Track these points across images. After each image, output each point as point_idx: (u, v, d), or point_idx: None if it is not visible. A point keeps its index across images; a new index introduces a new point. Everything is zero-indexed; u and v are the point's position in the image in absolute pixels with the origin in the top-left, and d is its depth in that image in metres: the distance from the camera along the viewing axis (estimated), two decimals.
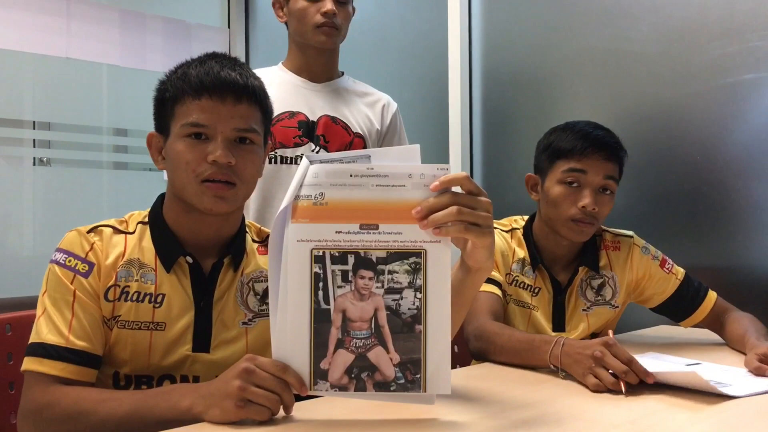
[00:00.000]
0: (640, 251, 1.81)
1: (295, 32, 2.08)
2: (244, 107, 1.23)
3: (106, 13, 3.20)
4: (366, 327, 1.02)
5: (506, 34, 2.58)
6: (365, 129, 2.10)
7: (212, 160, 1.20)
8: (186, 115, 1.22)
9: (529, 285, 1.77)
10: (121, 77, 3.27)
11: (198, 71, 1.23)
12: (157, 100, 1.29)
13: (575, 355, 1.35)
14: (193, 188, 1.22)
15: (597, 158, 1.68)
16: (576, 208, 1.67)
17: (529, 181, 1.80)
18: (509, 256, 1.78)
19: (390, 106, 2.20)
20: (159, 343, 1.24)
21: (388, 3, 2.98)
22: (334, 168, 1.01)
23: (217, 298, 1.29)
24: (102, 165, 3.28)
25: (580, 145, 1.68)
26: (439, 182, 1.01)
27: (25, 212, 3.03)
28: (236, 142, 1.23)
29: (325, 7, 1.98)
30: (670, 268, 1.81)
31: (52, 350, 1.17)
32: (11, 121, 2.99)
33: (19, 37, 2.95)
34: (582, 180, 1.68)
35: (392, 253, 1.01)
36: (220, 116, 1.21)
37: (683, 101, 2.13)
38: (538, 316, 1.76)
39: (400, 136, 2.20)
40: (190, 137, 1.22)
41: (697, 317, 1.79)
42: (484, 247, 1.06)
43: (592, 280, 1.79)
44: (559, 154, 1.70)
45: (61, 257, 1.23)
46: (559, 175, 1.70)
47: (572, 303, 1.78)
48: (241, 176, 1.23)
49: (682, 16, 2.13)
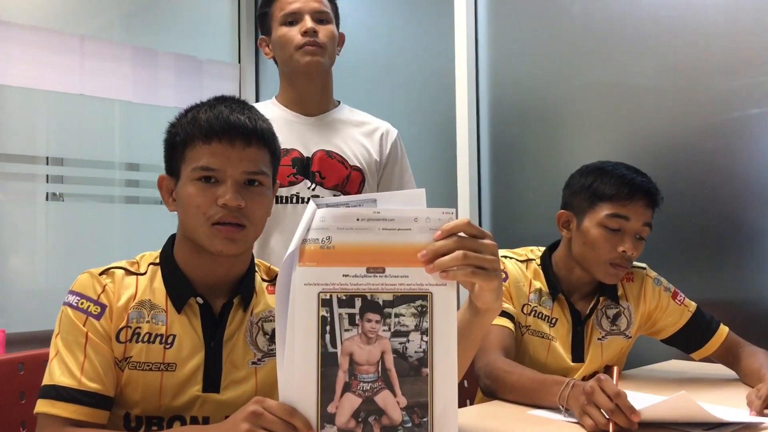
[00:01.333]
0: (653, 283, 1.84)
1: (281, 62, 2.04)
2: (253, 150, 1.24)
3: (119, 50, 3.25)
4: (373, 370, 1.02)
5: (513, 68, 2.60)
6: (363, 161, 2.03)
7: (222, 204, 1.21)
8: (196, 159, 1.23)
9: (547, 315, 1.78)
10: (133, 113, 3.31)
11: (208, 115, 1.24)
12: (168, 143, 1.31)
13: (575, 395, 1.36)
14: (203, 231, 1.23)
15: (640, 205, 1.71)
16: (615, 253, 1.70)
17: (561, 218, 1.81)
18: (525, 286, 1.79)
19: (389, 135, 2.12)
20: (169, 383, 1.25)
21: (395, 36, 3.01)
22: (341, 212, 1.02)
23: (227, 338, 1.29)
24: (114, 199, 3.31)
25: (626, 191, 1.70)
26: (441, 231, 1.02)
27: (37, 246, 3.06)
28: (245, 185, 1.24)
29: (305, 26, 1.95)
30: (682, 300, 1.82)
31: (64, 392, 1.18)
32: (25, 157, 3.03)
33: (34, 75, 3.00)
34: (624, 226, 1.70)
35: (399, 296, 1.01)
36: (229, 160, 1.22)
37: (690, 135, 2.14)
38: (556, 346, 1.76)
39: (402, 165, 2.13)
40: (201, 181, 1.23)
41: (708, 349, 1.79)
42: (492, 290, 1.06)
43: (608, 310, 1.81)
44: (602, 197, 1.72)
45: (73, 299, 1.24)
46: (602, 219, 1.71)
47: (589, 332, 1.79)
48: (251, 218, 1.24)
49: (688, 51, 2.15)
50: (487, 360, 1.61)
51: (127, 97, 3.26)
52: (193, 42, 3.49)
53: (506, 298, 1.75)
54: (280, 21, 1.99)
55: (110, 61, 3.21)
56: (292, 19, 1.97)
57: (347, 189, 1.99)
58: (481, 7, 2.69)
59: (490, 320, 1.14)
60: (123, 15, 3.40)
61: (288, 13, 1.97)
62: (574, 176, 1.82)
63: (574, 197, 1.79)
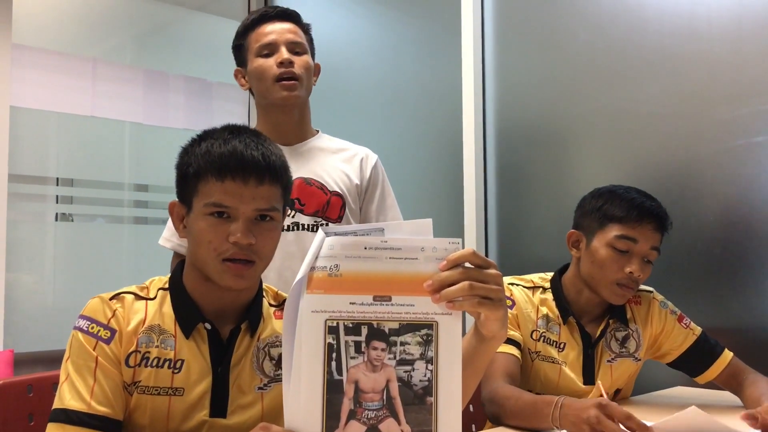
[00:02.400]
0: (660, 306, 1.86)
1: (258, 94, 2.03)
2: (266, 188, 1.25)
3: (131, 73, 3.30)
4: (378, 398, 1.02)
5: (520, 94, 2.62)
6: (343, 186, 2.02)
7: (234, 241, 1.22)
8: (209, 195, 1.24)
9: (555, 341, 1.80)
10: (143, 134, 3.34)
11: (222, 151, 1.24)
12: (180, 172, 1.31)
13: (573, 418, 1.38)
14: (214, 266, 1.24)
15: (649, 228, 1.75)
16: (623, 273, 1.73)
17: (571, 237, 1.85)
18: (532, 312, 1.82)
19: (368, 159, 2.10)
20: (177, 408, 1.25)
21: (402, 61, 3.04)
22: (350, 240, 1.03)
23: (234, 363, 1.30)
24: (123, 220, 3.33)
25: (635, 214, 1.74)
26: (447, 261, 1.02)
27: (46, 266, 3.08)
28: (257, 220, 1.25)
29: (280, 58, 1.95)
30: (688, 324, 1.84)
31: (74, 416, 1.19)
32: (36, 178, 3.06)
33: (47, 97, 3.04)
34: (632, 248, 1.74)
35: (404, 325, 1.02)
36: (242, 198, 1.23)
37: (694, 162, 2.15)
38: (566, 371, 1.78)
39: (383, 189, 2.11)
40: (213, 216, 1.24)
41: (711, 373, 1.80)
42: (497, 319, 1.07)
43: (617, 332, 1.83)
44: (612, 218, 1.76)
45: (84, 324, 1.25)
46: (610, 239, 1.75)
47: (599, 355, 1.81)
48: (260, 254, 1.25)
49: (693, 78, 2.16)
50: (491, 387, 1.63)
51: (137, 119, 3.30)
52: (204, 65, 3.53)
53: (513, 325, 1.77)
54: (255, 52, 1.99)
55: (121, 83, 3.25)
56: (268, 51, 1.97)
57: (327, 214, 1.98)
58: (488, 33, 2.71)
59: (496, 347, 1.15)
60: (134, 38, 3.45)
61: (264, 44, 1.98)
62: (586, 198, 1.87)
63: (584, 218, 1.83)
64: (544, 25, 2.55)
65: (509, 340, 1.74)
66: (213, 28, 3.60)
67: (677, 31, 2.20)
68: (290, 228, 1.95)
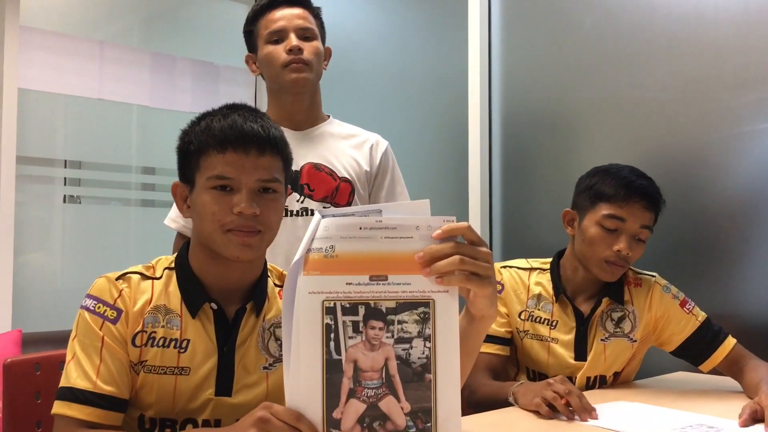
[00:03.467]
0: (661, 289, 1.85)
1: (268, 79, 2.04)
2: (267, 159, 1.26)
3: (138, 55, 3.30)
4: (377, 377, 1.03)
5: (526, 79, 2.62)
6: (352, 172, 2.02)
7: (238, 212, 1.23)
8: (211, 168, 1.25)
9: (546, 318, 1.84)
10: (150, 117, 3.36)
11: (222, 124, 1.25)
12: (181, 151, 1.32)
13: (532, 390, 1.55)
14: (219, 238, 1.25)
15: (637, 207, 1.75)
16: (611, 251, 1.75)
17: (566, 216, 1.87)
18: (523, 293, 1.87)
19: (379, 146, 2.10)
20: (183, 387, 1.27)
21: (409, 46, 3.03)
22: (344, 221, 1.03)
23: (240, 343, 1.31)
24: (130, 202, 3.36)
25: (623, 193, 1.75)
26: (442, 231, 1.03)
27: (55, 247, 3.11)
28: (260, 192, 1.26)
29: (290, 44, 1.95)
30: (691, 309, 1.83)
31: (80, 395, 1.21)
32: (44, 160, 3.08)
33: (54, 79, 3.06)
34: (620, 227, 1.76)
35: (401, 304, 1.03)
36: (244, 169, 1.24)
37: (700, 148, 2.15)
38: (557, 347, 1.82)
39: (393, 175, 2.11)
40: (216, 189, 1.24)
41: (714, 360, 1.79)
42: (485, 296, 1.07)
43: (612, 312, 1.84)
44: (601, 197, 1.78)
45: (90, 303, 1.26)
46: (599, 218, 1.77)
47: (593, 333, 1.83)
48: (266, 224, 1.26)
49: (699, 65, 2.15)
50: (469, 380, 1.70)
51: (144, 101, 3.31)
52: (211, 48, 3.54)
53: (499, 313, 1.84)
54: (265, 39, 1.99)
55: (129, 66, 3.26)
56: (277, 37, 1.97)
57: (336, 200, 1.99)
58: (495, 19, 2.70)
59: (486, 327, 1.16)
60: (142, 21, 3.46)
61: (273, 31, 1.98)
62: (582, 177, 1.89)
63: (579, 197, 1.86)
64: (550, 11, 2.55)
65: (499, 339, 1.83)
66: (220, 11, 3.60)
67: (684, 17, 2.19)
68: (299, 213, 1.96)
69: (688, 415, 1.52)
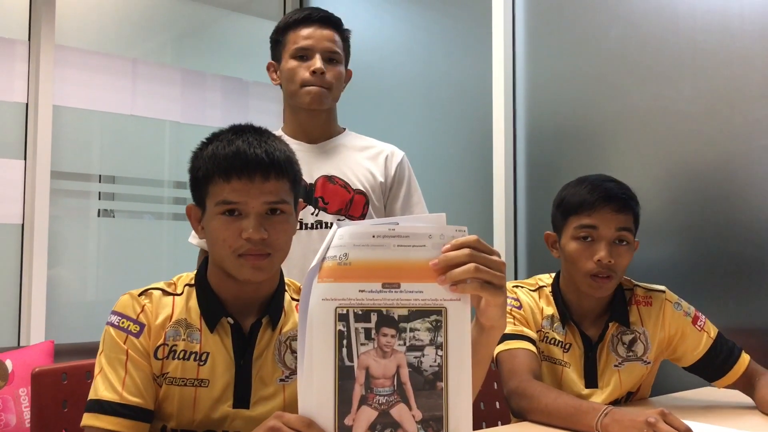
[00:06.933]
0: (673, 307, 1.79)
1: (287, 94, 2.05)
2: (272, 183, 1.28)
3: (169, 72, 3.37)
4: (389, 384, 1.04)
5: (550, 91, 2.61)
6: (367, 184, 2.02)
7: (246, 237, 1.25)
8: (218, 194, 1.27)
9: (560, 341, 1.76)
10: (181, 132, 3.41)
11: (226, 152, 1.28)
12: (192, 176, 1.35)
13: (627, 422, 1.34)
14: (231, 262, 1.28)
15: (607, 211, 1.68)
16: (592, 263, 1.68)
17: (548, 239, 1.82)
18: (537, 314, 1.78)
19: (394, 157, 2.10)
20: (203, 399, 1.30)
21: (433, 59, 3.05)
22: (358, 229, 1.04)
23: (256, 356, 1.34)
24: (162, 216, 3.41)
25: (589, 200, 1.69)
26: (451, 245, 1.03)
27: (88, 261, 3.17)
28: (268, 215, 1.28)
29: (315, 66, 1.96)
30: (702, 326, 1.77)
31: (107, 406, 1.25)
32: (79, 175, 3.15)
33: (89, 96, 3.13)
34: (594, 235, 1.69)
35: (414, 311, 1.03)
36: (249, 194, 1.26)
37: (726, 160, 2.12)
38: (569, 372, 1.74)
39: (409, 186, 2.10)
40: (225, 214, 1.27)
41: (730, 378, 1.74)
42: (497, 306, 1.08)
43: (623, 336, 1.77)
44: (570, 210, 1.72)
45: (115, 319, 1.31)
46: (572, 231, 1.71)
47: (603, 358, 1.76)
48: (275, 246, 1.28)
49: (725, 76, 2.13)
50: (518, 381, 1.61)
51: (176, 117, 3.37)
52: (240, 64, 3.59)
53: (525, 325, 1.75)
54: (291, 53, 2.00)
55: (160, 83, 3.32)
56: (303, 54, 1.99)
57: (351, 213, 1.99)
58: (519, 31, 2.70)
59: (496, 338, 1.15)
60: (173, 39, 3.53)
61: (300, 47, 1.99)
62: (556, 195, 1.82)
63: (554, 217, 1.80)
64: (574, 22, 2.54)
65: (526, 337, 1.71)
66: (250, 28, 3.65)
67: (709, 28, 2.17)
68: (314, 226, 1.97)
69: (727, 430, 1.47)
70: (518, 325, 1.74)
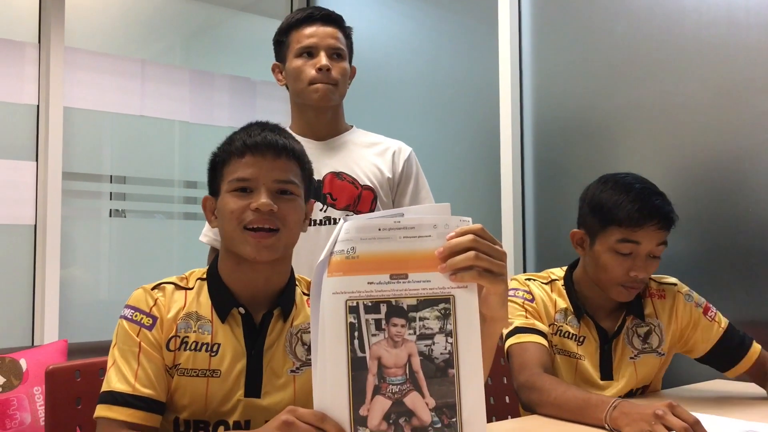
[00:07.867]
0: (684, 299, 1.81)
1: (293, 92, 2.07)
2: (283, 162, 1.34)
3: (178, 73, 3.39)
4: (401, 373, 1.05)
5: (557, 86, 2.61)
6: (374, 179, 2.04)
7: (255, 208, 1.29)
8: (232, 173, 1.33)
9: (574, 334, 1.77)
10: (191, 132, 3.43)
11: (242, 135, 1.35)
12: (210, 167, 1.41)
13: (635, 415, 1.33)
14: (237, 236, 1.31)
15: (653, 229, 1.66)
16: (627, 277, 1.68)
17: (575, 237, 1.80)
18: (550, 307, 1.79)
19: (401, 152, 2.11)
20: (215, 389, 1.32)
21: (440, 56, 3.05)
22: (364, 223, 1.06)
23: (267, 347, 1.36)
24: (173, 215, 3.43)
25: (636, 217, 1.65)
26: (455, 233, 1.05)
27: (101, 260, 3.20)
28: (278, 194, 1.33)
29: (320, 63, 1.98)
30: (713, 316, 1.79)
31: (120, 398, 1.27)
32: (90, 176, 3.17)
33: (99, 98, 3.15)
34: (635, 250, 1.68)
35: (422, 301, 1.05)
36: (261, 169, 1.31)
37: (734, 154, 2.11)
38: (585, 365, 1.75)
39: (417, 182, 2.11)
40: (237, 191, 1.32)
41: (742, 367, 1.76)
42: (497, 294, 1.08)
43: (638, 328, 1.79)
44: (613, 220, 1.68)
45: (128, 312, 1.34)
46: (612, 244, 1.68)
47: (619, 351, 1.77)
48: (284, 221, 1.32)
49: (732, 70, 2.12)
50: (528, 374, 1.62)
51: (184, 117, 3.39)
52: (248, 64, 3.60)
53: (537, 318, 1.75)
54: (295, 52, 2.02)
55: (169, 83, 3.35)
56: (308, 52, 2.01)
57: (359, 208, 2.00)
58: (525, 26, 2.71)
59: (498, 330, 1.16)
60: (181, 40, 3.55)
61: (304, 46, 2.01)
62: (589, 189, 1.79)
63: (587, 216, 1.77)
64: (580, 18, 2.54)
65: (537, 330, 1.71)
66: (257, 27, 3.67)
67: (715, 22, 2.17)
68: (323, 222, 1.99)
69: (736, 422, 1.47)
70: (530, 318, 1.74)
